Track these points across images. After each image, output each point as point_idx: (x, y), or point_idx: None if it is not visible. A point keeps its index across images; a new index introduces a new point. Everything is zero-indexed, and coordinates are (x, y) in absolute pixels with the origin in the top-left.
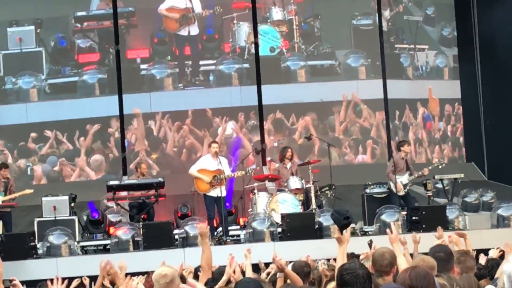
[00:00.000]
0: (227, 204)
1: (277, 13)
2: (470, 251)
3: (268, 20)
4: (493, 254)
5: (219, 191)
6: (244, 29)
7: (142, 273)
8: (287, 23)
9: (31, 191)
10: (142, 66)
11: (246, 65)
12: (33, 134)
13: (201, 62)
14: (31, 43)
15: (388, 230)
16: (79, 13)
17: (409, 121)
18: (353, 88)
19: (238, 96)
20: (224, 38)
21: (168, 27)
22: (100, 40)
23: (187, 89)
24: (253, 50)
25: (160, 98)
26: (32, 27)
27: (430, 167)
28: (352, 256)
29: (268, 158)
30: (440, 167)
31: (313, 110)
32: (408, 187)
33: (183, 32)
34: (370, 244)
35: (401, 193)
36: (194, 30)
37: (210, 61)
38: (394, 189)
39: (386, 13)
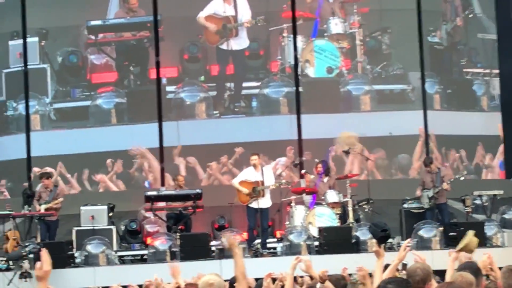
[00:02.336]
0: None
1: (336, 25)
2: None
3: (326, 34)
4: None
5: (260, 202)
6: (297, 44)
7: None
8: (348, 38)
9: (61, 199)
10: (169, 88)
11: (299, 89)
12: (35, 169)
13: (242, 85)
14: (34, 58)
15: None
16: (93, 22)
17: (482, 162)
18: (430, 120)
19: (287, 126)
20: (271, 55)
21: (209, 40)
22: (118, 56)
23: (224, 118)
24: (307, 70)
25: (190, 128)
26: (36, 39)
27: (449, 181)
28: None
29: (303, 171)
30: (462, 178)
31: (379, 146)
32: (433, 201)
33: (225, 47)
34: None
35: (425, 206)
36: (238, 43)
37: (253, 83)
38: (422, 203)
39: (447, 27)
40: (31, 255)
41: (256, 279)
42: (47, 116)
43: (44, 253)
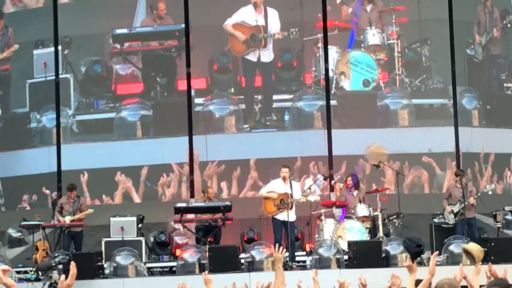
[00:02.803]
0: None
1: (373, 36)
2: None
3: (362, 45)
4: None
5: (286, 215)
6: (332, 55)
7: None
8: (386, 49)
9: (92, 211)
10: (197, 101)
11: (334, 102)
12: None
13: (274, 97)
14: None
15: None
16: (119, 31)
17: None
18: (466, 137)
19: (321, 141)
20: (305, 66)
21: (234, 49)
22: (144, 66)
23: (255, 132)
24: (342, 83)
25: (219, 142)
26: (58, 48)
27: (475, 196)
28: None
29: (333, 181)
30: (490, 193)
31: (419, 164)
32: (458, 217)
33: (252, 57)
34: None
35: (451, 222)
36: (266, 55)
37: (286, 96)
38: (445, 218)
39: (483, 40)
40: (60, 266)
41: None
42: (69, 128)
43: (73, 267)
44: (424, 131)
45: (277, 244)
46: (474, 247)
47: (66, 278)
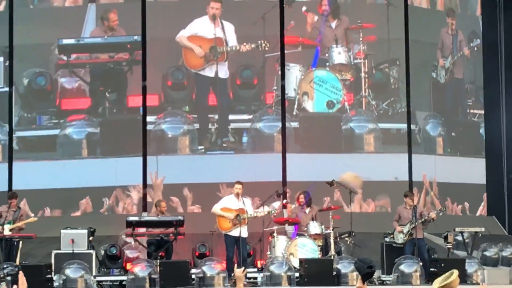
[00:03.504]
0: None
1: (339, 54)
2: None
3: (327, 64)
4: None
5: (238, 231)
6: (294, 74)
7: None
8: (352, 69)
9: (35, 219)
10: (149, 119)
11: (295, 124)
12: None
13: (231, 117)
14: None
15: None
16: (66, 41)
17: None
18: (430, 165)
19: (281, 166)
20: (266, 85)
21: (188, 63)
22: (93, 80)
23: (211, 154)
24: (305, 104)
25: (171, 164)
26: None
27: (435, 211)
28: None
29: (284, 200)
30: (440, 214)
31: (384, 193)
32: (407, 237)
33: (208, 73)
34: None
35: (399, 241)
36: (224, 71)
37: (245, 116)
38: (395, 238)
39: (446, 63)
40: (9, 277)
41: None
42: (7, 146)
43: (21, 277)
44: (390, 158)
45: (235, 265)
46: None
47: None
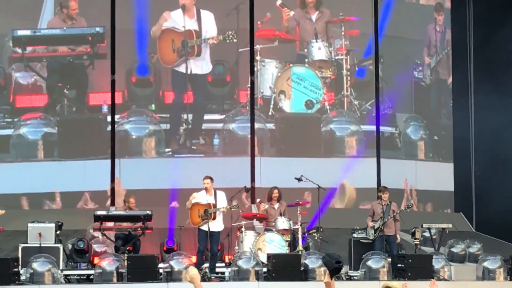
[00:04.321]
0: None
1: (319, 50)
2: None
3: (306, 60)
4: None
5: (211, 225)
6: (270, 71)
7: None
8: (333, 66)
9: (3, 211)
10: (110, 118)
11: (271, 126)
12: None
13: (203, 117)
14: None
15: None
16: (21, 32)
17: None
18: (411, 171)
19: (257, 167)
20: (240, 82)
21: (164, 59)
22: (50, 75)
23: (179, 157)
24: (282, 103)
25: (135, 168)
26: None
27: (398, 212)
28: None
29: (257, 200)
30: (408, 210)
31: (366, 199)
32: (378, 233)
33: (182, 69)
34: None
35: (370, 237)
36: (200, 66)
37: (216, 116)
38: (367, 234)
39: (432, 62)
40: None
41: None
42: None
43: None
44: (372, 163)
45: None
46: (397, 285)
47: None
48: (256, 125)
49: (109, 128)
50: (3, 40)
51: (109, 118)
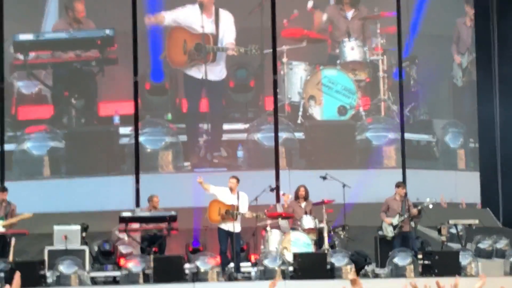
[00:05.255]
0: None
1: (352, 50)
2: None
3: (338, 61)
4: None
5: (230, 226)
6: (299, 74)
7: None
8: (368, 67)
9: (31, 214)
10: (122, 130)
11: (300, 135)
12: None
13: (225, 127)
14: None
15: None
16: (23, 37)
17: None
18: (450, 183)
19: (285, 181)
20: (266, 87)
21: (172, 59)
22: (55, 83)
23: (199, 171)
24: (312, 110)
25: (151, 185)
26: None
27: (419, 207)
28: None
29: (282, 192)
30: (430, 206)
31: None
32: (397, 229)
33: (195, 73)
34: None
35: (390, 234)
36: (215, 72)
37: (240, 125)
38: (383, 231)
39: (463, 61)
40: (2, 274)
41: None
42: None
43: (17, 277)
44: (411, 175)
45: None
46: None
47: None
48: (284, 135)
49: (121, 141)
50: (3, 46)
51: (121, 130)
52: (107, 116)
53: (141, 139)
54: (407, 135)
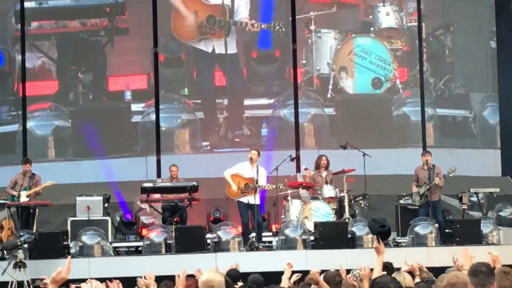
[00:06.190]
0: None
1: (387, 16)
2: (511, 270)
3: (372, 28)
4: None
5: (250, 198)
6: (328, 43)
7: (171, 277)
8: (406, 35)
9: (53, 182)
10: (135, 107)
11: (330, 111)
12: None
13: (246, 102)
14: None
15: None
16: (26, 3)
17: None
18: (489, 162)
19: (310, 161)
20: (291, 58)
21: (178, 33)
22: (60, 56)
23: (218, 152)
24: (343, 83)
25: (166, 166)
26: None
27: (441, 177)
28: (388, 267)
29: (303, 166)
30: (451, 175)
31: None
32: (424, 198)
33: (203, 47)
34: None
35: (417, 203)
36: (221, 45)
37: (264, 101)
38: (413, 200)
39: None
40: (26, 245)
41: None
42: None
43: (68, 261)
44: (448, 154)
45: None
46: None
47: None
48: (312, 111)
49: (133, 119)
50: (5, 17)
51: (133, 107)
52: (117, 91)
53: (154, 117)
54: (442, 111)
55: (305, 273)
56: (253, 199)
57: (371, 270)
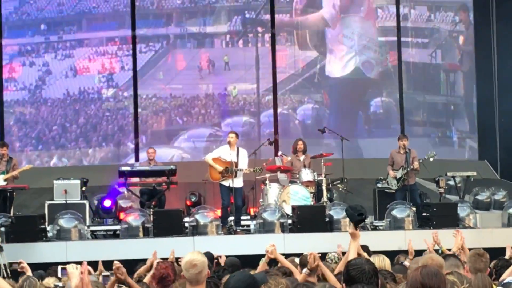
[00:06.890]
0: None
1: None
2: (485, 252)
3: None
4: (508, 254)
5: (231, 182)
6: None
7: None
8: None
9: (30, 166)
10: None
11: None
12: None
13: None
14: None
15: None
16: None
17: None
18: None
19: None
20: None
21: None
22: None
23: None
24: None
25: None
26: None
27: (420, 160)
28: (365, 250)
29: (279, 152)
30: (431, 159)
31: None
32: (401, 182)
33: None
34: None
35: (394, 187)
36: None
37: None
38: (389, 184)
39: None
40: (3, 228)
41: (234, 256)
42: None
43: (85, 267)
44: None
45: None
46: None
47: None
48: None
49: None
50: None
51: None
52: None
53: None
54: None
55: (286, 256)
56: (235, 183)
57: (343, 254)
